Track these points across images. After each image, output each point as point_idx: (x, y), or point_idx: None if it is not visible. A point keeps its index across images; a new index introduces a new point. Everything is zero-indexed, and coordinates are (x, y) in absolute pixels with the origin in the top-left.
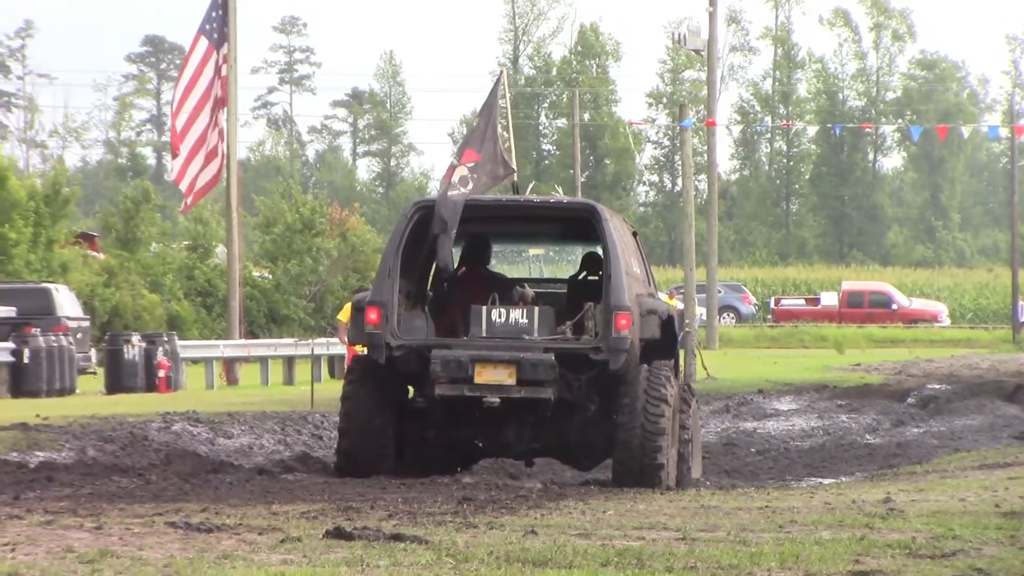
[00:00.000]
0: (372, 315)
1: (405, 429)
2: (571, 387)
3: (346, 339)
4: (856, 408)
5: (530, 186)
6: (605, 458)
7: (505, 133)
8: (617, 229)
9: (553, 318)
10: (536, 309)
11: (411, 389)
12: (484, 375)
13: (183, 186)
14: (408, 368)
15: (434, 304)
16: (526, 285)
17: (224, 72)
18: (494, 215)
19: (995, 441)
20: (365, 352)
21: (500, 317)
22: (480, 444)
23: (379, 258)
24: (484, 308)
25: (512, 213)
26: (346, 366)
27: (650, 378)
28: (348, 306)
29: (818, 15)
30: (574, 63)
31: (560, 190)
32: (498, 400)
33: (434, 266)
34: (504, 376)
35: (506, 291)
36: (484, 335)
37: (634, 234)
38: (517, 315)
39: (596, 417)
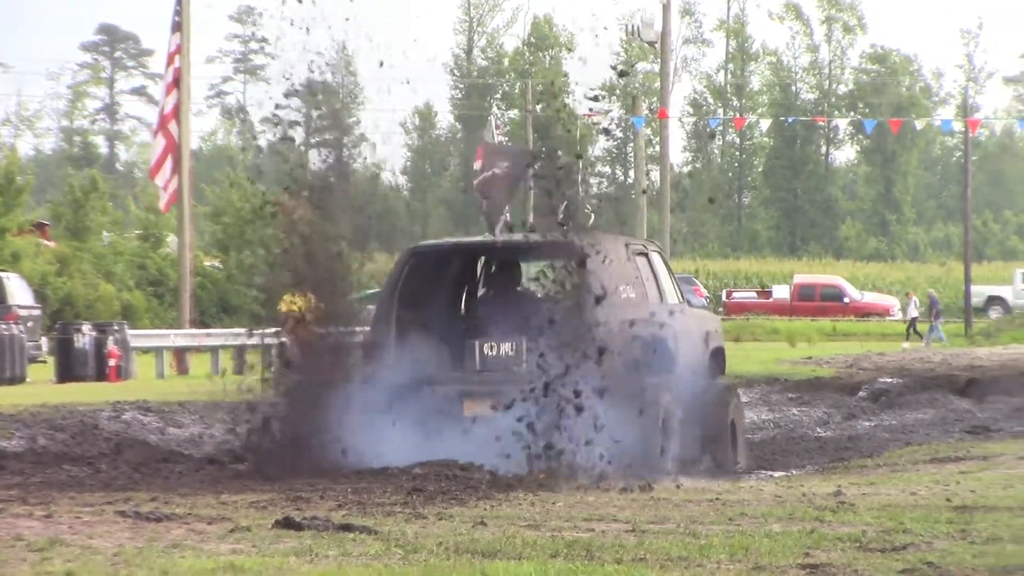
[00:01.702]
0: (368, 357)
1: None
2: None
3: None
4: (807, 401)
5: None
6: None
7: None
8: (598, 265)
9: None
10: (524, 341)
11: None
12: (472, 408)
13: (159, 181)
14: None
15: (461, 331)
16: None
17: (178, 62)
18: (487, 254)
19: (947, 435)
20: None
21: (491, 351)
22: None
23: (331, 248)
24: (476, 342)
25: (502, 252)
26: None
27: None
28: (287, 297)
29: (768, 9)
30: (527, 54)
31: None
32: None
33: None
34: (488, 409)
35: (531, 312)
36: (477, 369)
37: (644, 254)
38: (507, 348)
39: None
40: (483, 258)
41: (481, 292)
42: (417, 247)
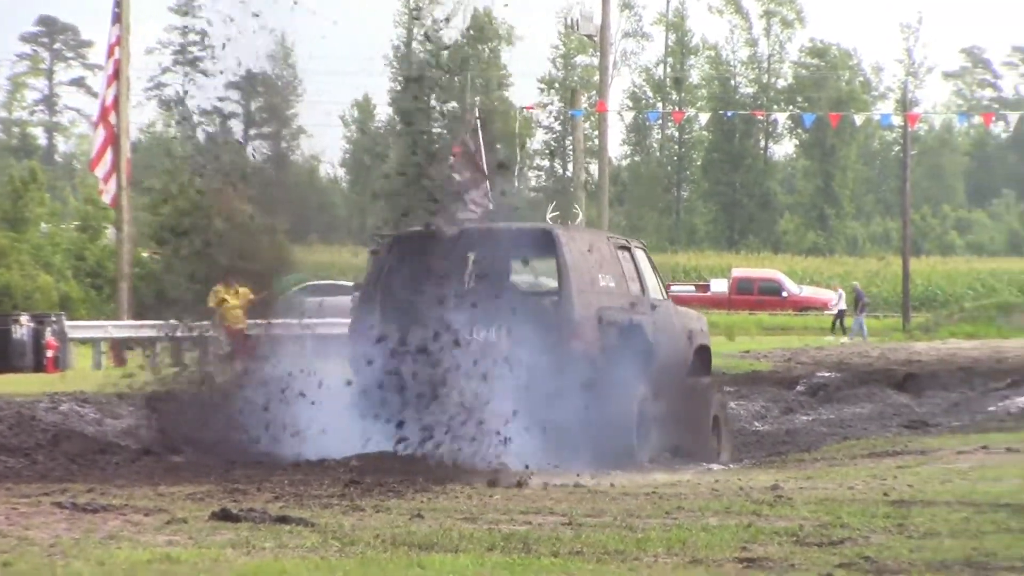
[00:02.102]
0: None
1: None
2: None
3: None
4: (745, 395)
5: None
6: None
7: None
8: (574, 250)
9: None
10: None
11: None
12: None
13: (99, 173)
14: None
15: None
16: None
17: (118, 53)
18: (465, 240)
19: (884, 429)
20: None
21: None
22: None
23: (268, 241)
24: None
25: (480, 238)
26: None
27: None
28: (216, 290)
29: (708, 3)
30: (467, 47)
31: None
32: None
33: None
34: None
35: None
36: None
37: (627, 248)
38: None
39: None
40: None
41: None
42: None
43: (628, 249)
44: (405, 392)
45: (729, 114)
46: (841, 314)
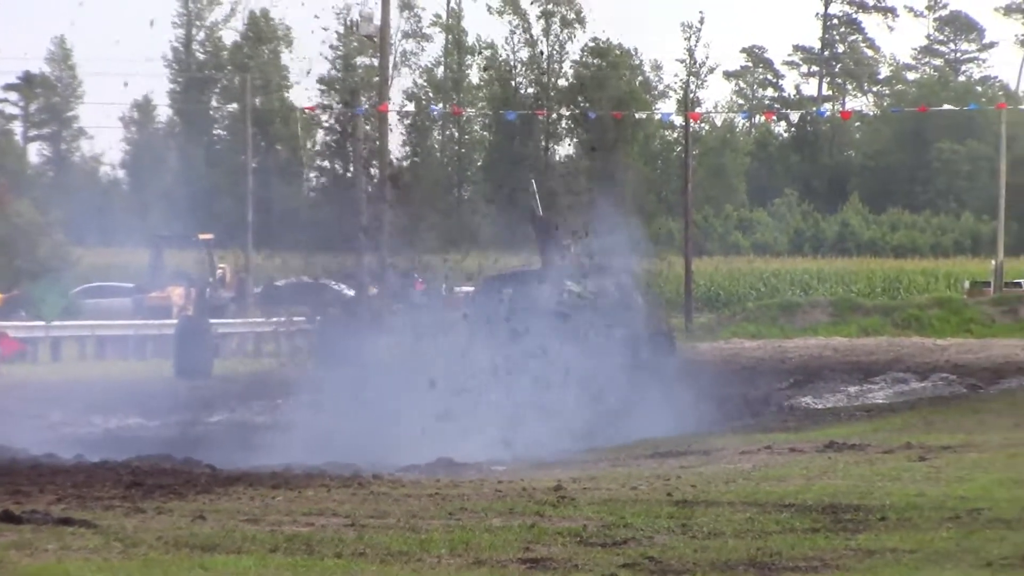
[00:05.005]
0: None
1: None
2: None
3: None
4: None
5: None
6: None
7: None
8: None
9: None
10: None
11: None
12: None
13: None
14: None
15: None
16: None
17: None
18: None
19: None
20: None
21: None
22: None
23: (48, 242)
24: None
25: None
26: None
27: None
28: None
29: (487, 3)
30: (246, 48)
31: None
32: None
33: None
34: None
35: None
36: None
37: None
38: None
39: None
40: None
41: None
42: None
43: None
44: None
45: (511, 115)
46: None
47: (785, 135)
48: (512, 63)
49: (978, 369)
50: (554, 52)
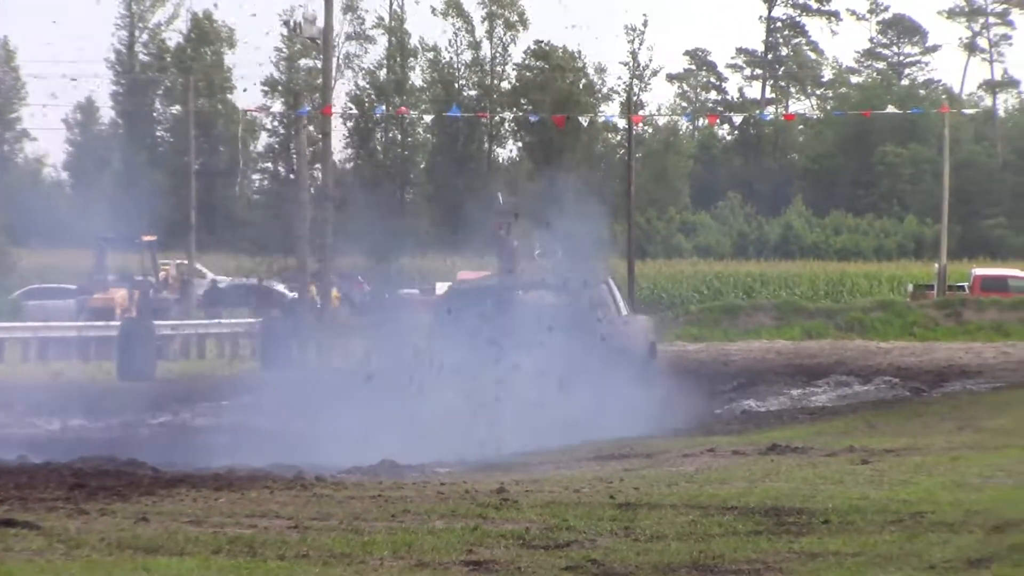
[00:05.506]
0: None
1: None
2: None
3: None
4: None
5: None
6: None
7: None
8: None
9: None
10: None
11: None
12: None
13: None
14: None
15: None
16: None
17: None
18: None
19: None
20: None
21: None
22: None
23: None
24: None
25: None
26: None
27: None
28: None
29: (430, 5)
30: (189, 50)
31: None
32: None
33: None
34: None
35: None
36: None
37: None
38: None
39: None
40: None
41: None
42: None
43: (607, 283)
44: None
45: (456, 113)
46: None
47: (728, 138)
48: (456, 65)
49: (921, 372)
50: (497, 55)
